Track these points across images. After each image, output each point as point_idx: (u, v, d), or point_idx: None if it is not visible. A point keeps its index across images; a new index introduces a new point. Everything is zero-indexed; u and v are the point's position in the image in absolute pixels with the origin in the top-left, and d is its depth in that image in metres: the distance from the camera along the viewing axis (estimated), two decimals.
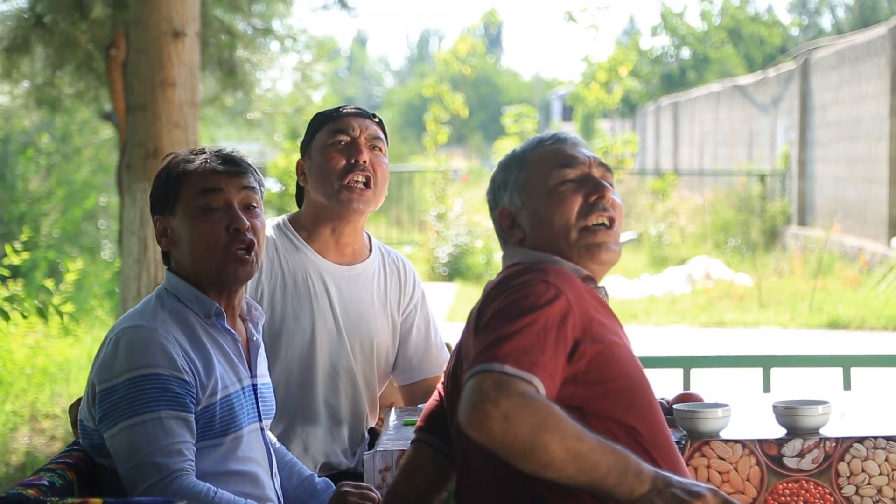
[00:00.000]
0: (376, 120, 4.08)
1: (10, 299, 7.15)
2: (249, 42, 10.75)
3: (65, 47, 10.09)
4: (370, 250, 4.18)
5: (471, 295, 16.85)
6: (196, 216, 3.25)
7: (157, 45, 7.45)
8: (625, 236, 20.65)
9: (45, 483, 2.97)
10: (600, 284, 3.08)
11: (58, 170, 17.84)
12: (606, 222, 3.04)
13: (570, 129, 51.66)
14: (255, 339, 3.41)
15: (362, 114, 4.05)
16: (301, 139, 4.14)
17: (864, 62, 19.84)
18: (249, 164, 3.37)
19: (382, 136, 4.07)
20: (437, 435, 3.21)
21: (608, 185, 3.06)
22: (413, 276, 4.25)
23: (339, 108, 4.07)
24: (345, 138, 3.98)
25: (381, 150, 4.03)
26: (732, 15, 45.44)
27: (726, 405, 3.55)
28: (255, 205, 3.32)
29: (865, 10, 49.22)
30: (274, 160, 22.02)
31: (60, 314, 6.67)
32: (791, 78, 24.35)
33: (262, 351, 3.44)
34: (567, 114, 59.13)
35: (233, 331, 3.32)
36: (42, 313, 6.18)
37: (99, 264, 15.67)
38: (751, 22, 45.67)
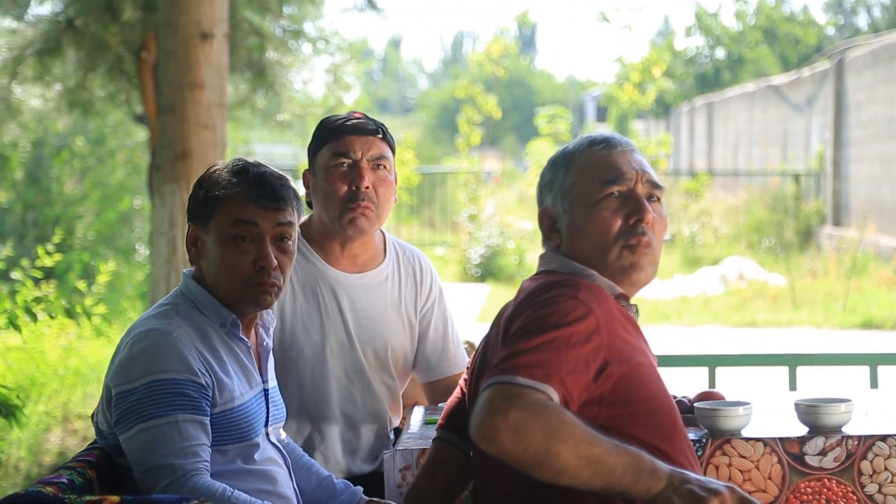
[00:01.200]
0: (380, 136, 3.98)
1: (38, 300, 7.18)
2: (280, 44, 10.77)
3: (96, 50, 10.13)
4: (385, 252, 4.16)
5: (502, 296, 16.83)
6: (226, 242, 3.25)
7: (185, 46, 7.49)
8: None
9: (65, 481, 2.98)
10: (632, 302, 3.07)
11: (92, 172, 17.93)
12: (643, 244, 3.02)
13: (604, 131, 51.58)
14: (265, 343, 3.42)
15: (365, 130, 3.96)
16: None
17: None
18: (290, 195, 3.33)
19: (387, 150, 3.99)
20: (459, 433, 3.21)
21: (649, 207, 3.03)
22: (430, 274, 4.22)
23: (342, 122, 3.97)
24: (346, 161, 3.92)
25: (385, 167, 3.96)
26: (767, 15, 45.25)
27: (748, 403, 3.54)
28: (288, 238, 3.32)
29: None
30: (305, 162, 22.07)
31: (88, 315, 6.70)
32: (825, 77, 24.24)
33: (271, 356, 3.46)
34: (601, 115, 58.97)
35: (246, 339, 3.33)
36: (70, 314, 6.20)
37: (132, 266, 15.74)
38: (786, 22, 45.46)
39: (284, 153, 31.94)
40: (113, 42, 10.04)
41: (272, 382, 3.44)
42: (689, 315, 14.99)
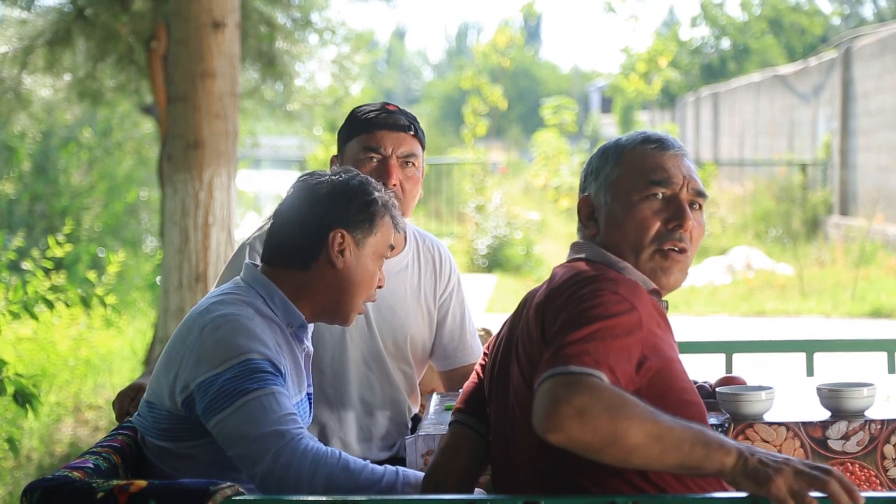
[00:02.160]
0: (411, 132, 3.98)
1: (55, 289, 7.19)
2: (289, 34, 10.76)
3: (106, 40, 10.12)
4: (405, 240, 4.17)
5: (510, 286, 16.84)
6: (378, 259, 3.37)
7: (197, 36, 7.49)
8: None
9: (91, 466, 2.99)
10: (664, 298, 3.08)
11: (99, 164, 17.94)
12: (678, 250, 3.02)
13: (610, 121, 51.58)
14: (308, 348, 3.45)
15: (397, 126, 3.96)
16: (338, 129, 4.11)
17: None
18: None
19: (417, 147, 3.99)
20: (477, 417, 3.21)
21: (690, 214, 3.03)
22: (449, 263, 4.23)
23: (375, 114, 3.97)
24: (376, 156, 3.93)
25: (414, 164, 3.97)
26: (773, 5, 45.20)
27: (770, 388, 3.54)
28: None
29: None
30: (313, 153, 22.05)
31: (104, 304, 6.69)
32: (832, 67, 24.22)
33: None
34: (606, 105, 58.98)
35: (308, 344, 3.38)
36: (86, 302, 6.19)
37: (140, 257, 15.76)
38: (791, 12, 45.40)
39: (290, 144, 31.94)
40: (123, 32, 10.03)
41: (311, 388, 3.47)
42: (698, 304, 14.99)
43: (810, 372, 4.67)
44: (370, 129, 3.94)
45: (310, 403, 3.41)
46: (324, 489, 2.95)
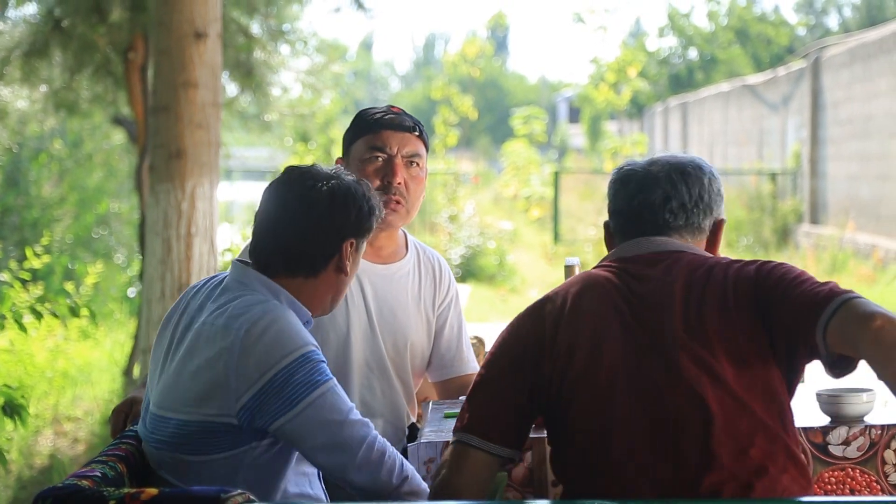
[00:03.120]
0: (416, 133, 4.02)
1: (42, 299, 7.17)
2: (265, 45, 10.77)
3: (83, 51, 10.10)
4: (406, 249, 4.19)
5: (484, 296, 16.85)
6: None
7: (179, 46, 7.48)
8: None
9: (98, 474, 2.99)
10: None
11: (70, 175, 17.89)
12: None
13: (578, 131, 51.71)
14: None
15: (402, 127, 4.00)
16: (343, 134, 4.13)
17: (876, 59, 19.84)
18: None
19: (422, 148, 4.03)
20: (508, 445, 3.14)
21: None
22: (448, 275, 4.26)
23: (381, 116, 4.01)
24: (381, 155, 3.96)
25: (418, 164, 4.00)
26: (739, 15, 45.46)
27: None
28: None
29: (872, 9, 49.23)
30: (284, 164, 22.05)
31: (93, 314, 6.70)
32: (802, 76, 24.35)
33: None
34: (574, 116, 59.15)
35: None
36: (74, 312, 6.18)
37: (112, 269, 15.71)
38: (758, 22, 45.67)
39: (259, 156, 31.88)
40: (100, 43, 10.01)
41: None
42: None
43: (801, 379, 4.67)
44: (376, 130, 3.98)
45: None
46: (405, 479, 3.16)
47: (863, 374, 4.20)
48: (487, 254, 19.68)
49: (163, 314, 7.48)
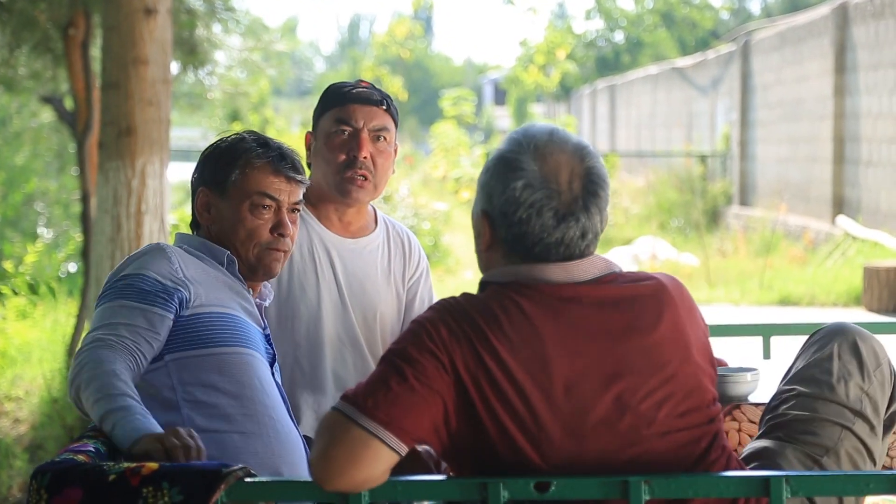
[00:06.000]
0: (384, 107, 3.99)
1: (4, 275, 7.08)
2: (208, 22, 10.68)
3: (22, 27, 9.97)
4: (376, 223, 4.18)
5: None
6: (246, 209, 3.42)
7: (129, 22, 7.40)
8: None
9: (92, 449, 2.95)
10: None
11: None
12: None
13: (503, 114, 51.79)
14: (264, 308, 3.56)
15: (369, 100, 3.97)
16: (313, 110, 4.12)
17: (806, 43, 20.04)
18: (303, 168, 3.54)
19: (389, 122, 4.01)
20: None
21: None
22: (418, 249, 4.26)
23: (349, 89, 4.00)
24: (347, 129, 3.94)
25: (385, 139, 3.97)
26: None
27: (755, 369, 3.59)
28: (298, 209, 3.53)
29: None
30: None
31: (53, 292, 6.63)
32: (731, 59, 24.55)
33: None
34: (500, 98, 59.21)
35: (243, 279, 3.45)
36: (34, 290, 6.14)
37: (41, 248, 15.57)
38: (683, 5, 46.00)
39: (190, 136, 31.66)
40: (40, 19, 9.88)
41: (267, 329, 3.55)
42: None
43: (767, 355, 4.72)
44: (342, 103, 3.96)
45: (269, 342, 3.47)
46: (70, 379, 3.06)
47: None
48: (422, 235, 19.69)
49: None
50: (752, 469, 2.89)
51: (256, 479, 2.72)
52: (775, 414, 3.03)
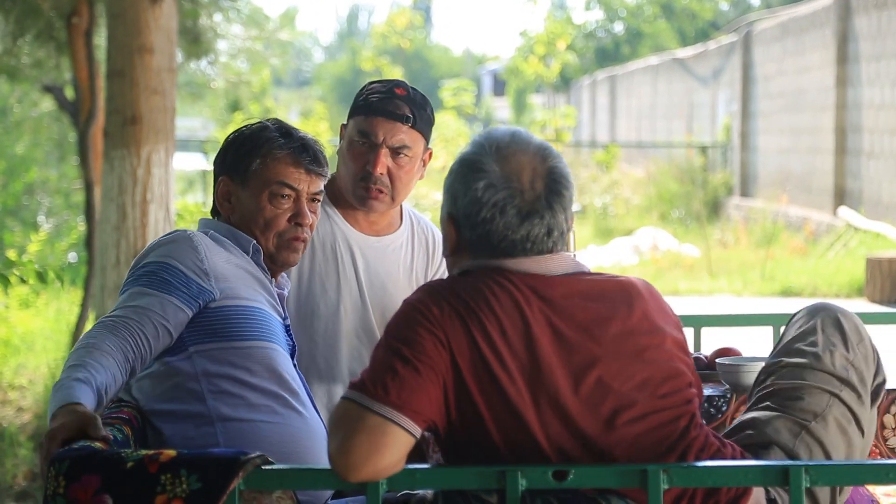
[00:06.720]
0: (409, 124, 3.86)
1: (9, 264, 7.07)
2: (211, 11, 10.66)
3: (25, 16, 9.95)
4: (401, 220, 4.14)
5: None
6: (266, 198, 3.42)
7: (134, 10, 7.40)
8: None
9: (110, 437, 2.95)
10: None
11: None
12: None
13: (502, 104, 51.79)
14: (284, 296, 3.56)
15: (394, 116, 3.85)
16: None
17: (808, 33, 20.02)
18: (326, 159, 3.53)
19: (414, 138, 3.87)
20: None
21: None
22: (440, 247, 4.23)
23: (378, 98, 3.88)
24: (366, 142, 3.86)
25: (406, 155, 3.87)
26: None
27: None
28: (319, 199, 3.51)
29: None
30: (217, 133, 21.87)
31: (44, 279, 6.60)
32: (732, 50, 24.52)
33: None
34: (499, 88, 59.18)
35: (266, 269, 3.45)
36: (42, 278, 6.12)
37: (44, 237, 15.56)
38: None
39: (190, 126, 31.63)
40: (43, 7, 9.87)
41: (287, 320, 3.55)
42: None
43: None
44: (367, 113, 3.88)
45: (289, 333, 3.48)
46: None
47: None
48: None
49: (119, 281, 7.40)
50: (739, 439, 2.94)
51: (274, 467, 2.72)
52: (763, 386, 3.08)
